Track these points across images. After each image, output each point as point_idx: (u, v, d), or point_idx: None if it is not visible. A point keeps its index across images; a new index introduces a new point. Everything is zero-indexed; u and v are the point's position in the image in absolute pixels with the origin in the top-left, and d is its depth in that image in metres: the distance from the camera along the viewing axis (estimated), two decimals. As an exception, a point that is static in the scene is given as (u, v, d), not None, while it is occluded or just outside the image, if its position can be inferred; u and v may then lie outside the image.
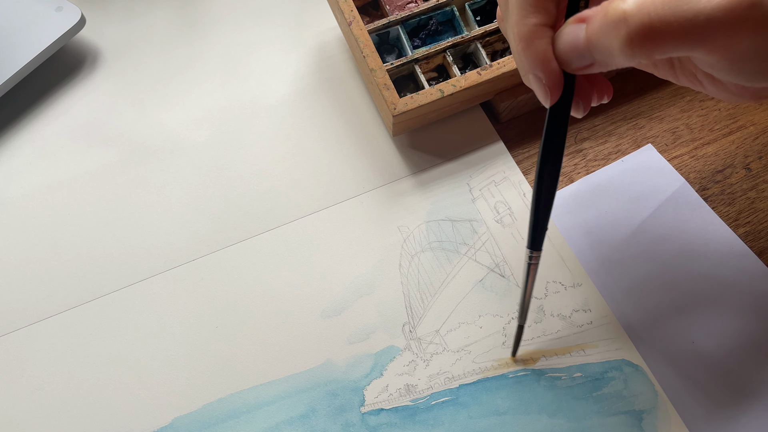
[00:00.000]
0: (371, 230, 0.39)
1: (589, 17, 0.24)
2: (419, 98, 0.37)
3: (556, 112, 0.28)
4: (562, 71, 0.26)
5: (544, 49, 0.25)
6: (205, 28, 0.47)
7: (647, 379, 0.34)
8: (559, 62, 0.26)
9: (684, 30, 0.22)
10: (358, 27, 0.39)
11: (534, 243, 0.30)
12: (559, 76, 0.26)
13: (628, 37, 0.22)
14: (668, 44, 0.22)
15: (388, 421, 0.34)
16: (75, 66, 0.46)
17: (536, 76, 0.26)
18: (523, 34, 0.26)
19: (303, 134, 0.42)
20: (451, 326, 0.36)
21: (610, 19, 0.23)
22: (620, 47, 0.23)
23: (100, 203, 0.41)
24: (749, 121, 0.41)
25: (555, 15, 0.26)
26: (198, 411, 0.35)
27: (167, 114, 0.44)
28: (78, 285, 0.38)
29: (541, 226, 0.30)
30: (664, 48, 0.22)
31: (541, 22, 0.26)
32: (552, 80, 0.26)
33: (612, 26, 0.23)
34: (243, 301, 0.37)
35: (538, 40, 0.25)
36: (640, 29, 0.22)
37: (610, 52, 0.24)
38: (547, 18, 0.26)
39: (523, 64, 0.26)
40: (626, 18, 0.22)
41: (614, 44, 0.23)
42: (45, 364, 0.36)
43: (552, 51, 0.26)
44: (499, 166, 0.40)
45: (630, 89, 0.43)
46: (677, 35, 0.22)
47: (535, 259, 0.31)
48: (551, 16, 0.26)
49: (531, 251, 0.30)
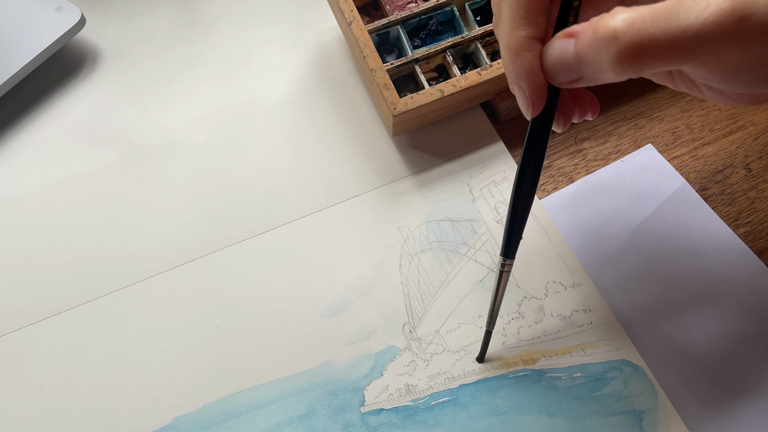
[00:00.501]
0: (371, 230, 0.39)
1: (578, 32, 0.24)
2: (419, 98, 0.37)
3: (538, 124, 0.28)
4: (546, 85, 0.26)
5: (530, 62, 0.26)
6: (205, 28, 0.47)
7: (647, 379, 0.34)
8: (546, 75, 0.26)
9: (673, 47, 0.22)
10: (358, 27, 0.39)
11: (507, 251, 0.30)
12: (543, 90, 0.26)
13: (617, 55, 0.23)
14: (658, 61, 0.23)
15: (388, 421, 0.34)
16: (75, 66, 0.46)
17: (521, 87, 0.26)
18: (512, 45, 0.26)
19: (303, 134, 0.42)
20: (451, 326, 0.36)
21: (600, 36, 0.23)
22: (610, 64, 0.23)
23: (100, 203, 0.41)
24: (749, 121, 0.41)
25: (545, 28, 0.26)
26: (198, 411, 0.35)
27: (167, 114, 0.44)
28: (78, 285, 0.38)
29: (516, 234, 0.30)
30: (654, 64, 0.23)
31: (531, 34, 0.26)
32: (535, 93, 0.26)
33: (602, 43, 0.23)
34: (243, 301, 0.37)
35: (526, 52, 0.26)
36: (630, 47, 0.22)
37: (599, 68, 0.24)
38: (536, 31, 0.26)
39: (510, 75, 0.27)
40: (616, 36, 0.22)
41: (604, 61, 0.23)
42: (45, 364, 0.36)
43: (539, 64, 0.26)
44: (499, 166, 0.40)
45: (630, 89, 0.43)
46: (667, 52, 0.22)
47: (508, 267, 0.31)
48: (541, 30, 0.26)
49: (504, 259, 0.30)
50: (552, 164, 0.40)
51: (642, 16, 0.22)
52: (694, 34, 0.22)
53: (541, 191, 0.40)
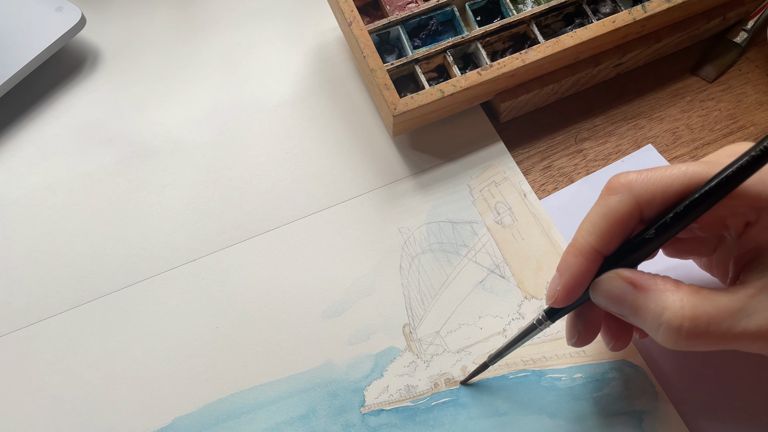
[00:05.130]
0: (371, 231, 0.39)
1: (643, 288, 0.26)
2: (419, 98, 0.37)
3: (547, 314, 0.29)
4: (580, 295, 0.27)
5: (582, 271, 0.27)
6: (205, 28, 0.47)
7: (647, 380, 0.34)
8: (591, 292, 0.27)
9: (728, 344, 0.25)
10: (359, 27, 0.39)
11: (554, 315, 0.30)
12: (574, 297, 0.27)
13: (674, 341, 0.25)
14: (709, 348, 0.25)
15: (388, 421, 0.34)
16: (75, 66, 0.46)
17: (561, 276, 0.27)
18: (579, 244, 0.27)
19: (303, 134, 0.42)
20: (451, 327, 0.36)
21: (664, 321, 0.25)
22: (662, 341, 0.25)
23: (100, 203, 0.41)
24: (749, 122, 0.41)
25: (614, 248, 0.27)
26: (198, 411, 0.35)
27: (167, 114, 0.44)
28: (78, 285, 0.38)
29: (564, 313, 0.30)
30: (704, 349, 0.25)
31: (598, 248, 0.27)
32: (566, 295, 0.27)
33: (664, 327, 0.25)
34: (243, 302, 0.37)
35: (584, 260, 0.27)
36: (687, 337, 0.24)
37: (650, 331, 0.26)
38: (604, 247, 0.27)
39: (561, 263, 0.28)
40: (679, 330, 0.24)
41: (659, 336, 0.25)
42: (45, 364, 0.36)
43: (587, 278, 0.27)
44: (499, 167, 0.40)
45: (630, 90, 0.43)
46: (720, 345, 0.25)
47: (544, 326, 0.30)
48: (609, 249, 0.27)
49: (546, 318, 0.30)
50: (552, 164, 0.40)
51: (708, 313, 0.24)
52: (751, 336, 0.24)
53: (541, 191, 0.40)
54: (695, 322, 0.24)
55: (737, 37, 0.43)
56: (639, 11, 0.39)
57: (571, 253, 0.27)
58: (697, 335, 0.24)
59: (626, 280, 0.26)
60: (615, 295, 0.26)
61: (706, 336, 0.24)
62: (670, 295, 0.25)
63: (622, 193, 0.26)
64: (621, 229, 0.26)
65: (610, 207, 0.26)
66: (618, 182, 0.27)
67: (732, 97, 0.42)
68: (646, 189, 0.26)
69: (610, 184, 0.27)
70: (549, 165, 0.40)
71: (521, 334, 0.31)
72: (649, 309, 0.25)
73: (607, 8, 0.41)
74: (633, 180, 0.26)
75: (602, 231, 0.26)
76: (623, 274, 0.26)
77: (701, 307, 0.24)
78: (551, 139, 0.41)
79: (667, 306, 0.25)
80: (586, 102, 0.42)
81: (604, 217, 0.26)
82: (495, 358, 0.32)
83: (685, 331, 0.24)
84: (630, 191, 0.26)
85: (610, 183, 0.27)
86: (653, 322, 0.25)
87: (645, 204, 0.26)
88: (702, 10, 0.41)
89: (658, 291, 0.25)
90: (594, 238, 0.27)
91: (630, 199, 0.26)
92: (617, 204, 0.26)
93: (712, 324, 0.24)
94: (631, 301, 0.26)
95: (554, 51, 0.38)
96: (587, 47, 0.39)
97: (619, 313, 0.27)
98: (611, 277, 0.26)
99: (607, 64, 0.41)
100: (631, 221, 0.26)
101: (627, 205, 0.26)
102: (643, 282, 0.26)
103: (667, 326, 0.24)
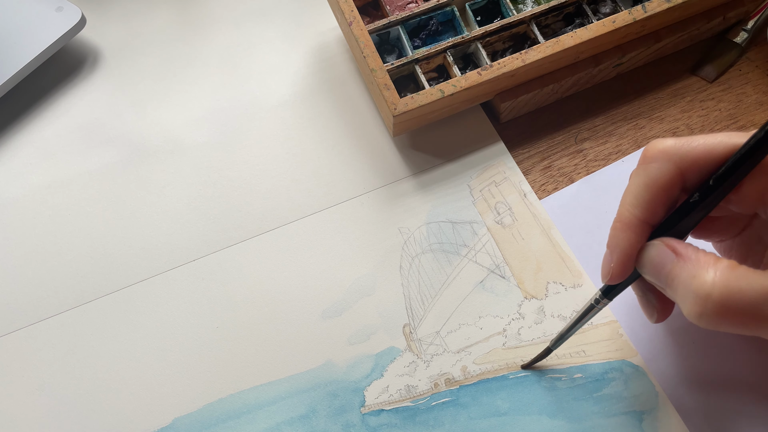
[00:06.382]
0: (372, 231, 0.39)
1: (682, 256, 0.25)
2: (419, 98, 0.37)
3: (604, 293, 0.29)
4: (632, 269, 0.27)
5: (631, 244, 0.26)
6: (205, 28, 0.47)
7: (647, 380, 0.34)
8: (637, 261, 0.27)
9: (756, 321, 0.23)
10: (359, 27, 0.39)
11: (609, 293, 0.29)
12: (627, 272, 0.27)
13: (700, 312, 0.23)
14: (735, 329, 0.24)
15: (388, 421, 0.34)
16: (75, 66, 0.46)
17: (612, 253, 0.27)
18: (624, 218, 0.26)
19: (303, 134, 0.42)
20: (451, 327, 0.36)
21: (693, 289, 0.24)
22: (688, 313, 0.24)
23: (100, 203, 0.41)
24: (750, 122, 0.41)
25: (661, 217, 0.26)
26: (198, 411, 0.35)
27: (167, 114, 0.44)
28: (78, 285, 0.38)
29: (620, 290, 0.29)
30: (729, 330, 0.24)
31: (645, 218, 0.26)
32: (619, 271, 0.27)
33: (692, 294, 0.24)
34: (243, 302, 0.37)
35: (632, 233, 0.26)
36: (716, 308, 0.23)
37: (680, 303, 0.25)
38: (650, 217, 0.26)
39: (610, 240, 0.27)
40: (708, 299, 0.23)
41: (686, 307, 0.24)
42: (45, 364, 0.36)
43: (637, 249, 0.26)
44: (499, 167, 0.40)
45: (630, 89, 0.43)
46: (749, 324, 0.23)
47: (602, 305, 0.30)
48: (656, 217, 0.26)
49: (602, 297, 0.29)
50: (552, 164, 0.40)
51: (741, 289, 0.23)
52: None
53: (541, 191, 0.40)
54: (725, 295, 0.23)
55: (737, 37, 0.43)
56: (639, 11, 0.39)
57: (618, 228, 0.26)
58: (725, 310, 0.23)
59: (669, 247, 0.25)
60: (656, 263, 0.25)
61: (735, 313, 0.23)
62: (705, 266, 0.24)
63: (661, 160, 0.25)
64: (665, 197, 0.25)
65: (650, 176, 0.25)
66: (655, 149, 0.26)
67: (732, 97, 0.42)
68: (687, 154, 0.25)
69: (647, 152, 0.26)
70: (549, 165, 0.40)
71: (580, 316, 0.30)
72: (681, 278, 0.24)
73: (607, 8, 0.41)
74: (671, 146, 0.25)
75: (646, 201, 0.26)
76: (667, 241, 0.25)
77: (735, 282, 0.23)
78: (551, 139, 0.41)
79: (698, 275, 0.24)
80: (586, 102, 0.42)
81: (646, 187, 0.26)
82: (557, 342, 0.32)
83: (713, 301, 0.23)
84: (670, 158, 0.25)
85: (647, 151, 0.26)
86: (683, 290, 0.24)
87: (687, 170, 0.25)
88: (702, 10, 0.41)
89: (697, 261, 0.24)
90: (639, 209, 0.26)
91: (670, 165, 0.25)
92: (657, 172, 0.25)
93: (744, 301, 0.23)
94: (669, 270, 0.25)
95: (554, 51, 0.38)
96: (587, 47, 0.39)
97: (658, 284, 0.26)
98: (655, 244, 0.26)
99: (607, 64, 0.41)
100: (674, 188, 0.25)
101: (668, 172, 0.25)
102: (685, 251, 0.25)
103: (695, 295, 0.23)
